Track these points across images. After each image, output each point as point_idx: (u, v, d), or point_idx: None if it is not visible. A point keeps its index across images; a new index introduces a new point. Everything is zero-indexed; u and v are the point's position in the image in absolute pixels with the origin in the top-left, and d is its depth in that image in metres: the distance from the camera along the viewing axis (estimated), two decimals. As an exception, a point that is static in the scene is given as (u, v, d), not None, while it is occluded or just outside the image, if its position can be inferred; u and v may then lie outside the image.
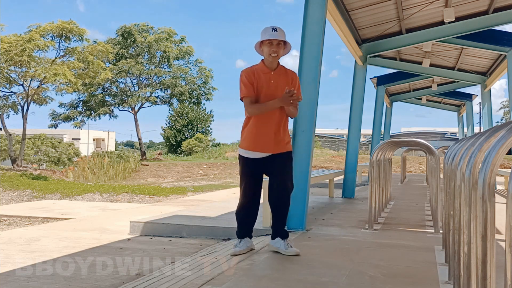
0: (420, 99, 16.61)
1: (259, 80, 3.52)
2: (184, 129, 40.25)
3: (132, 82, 28.78)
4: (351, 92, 8.85)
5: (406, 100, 16.82)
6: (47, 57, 18.66)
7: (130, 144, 61.14)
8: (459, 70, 11.57)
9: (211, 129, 42.33)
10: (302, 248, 3.65)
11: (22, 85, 18.88)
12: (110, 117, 28.71)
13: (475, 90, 57.33)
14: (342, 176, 8.43)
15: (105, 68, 21.56)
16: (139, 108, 28.59)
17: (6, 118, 19.62)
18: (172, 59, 28.24)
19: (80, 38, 18.98)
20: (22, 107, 19.02)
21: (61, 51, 19.04)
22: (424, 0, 7.16)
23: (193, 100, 29.90)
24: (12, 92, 19.40)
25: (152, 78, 28.48)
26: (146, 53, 28.12)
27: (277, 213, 3.59)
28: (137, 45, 27.90)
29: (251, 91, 3.50)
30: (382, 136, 14.85)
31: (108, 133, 51.80)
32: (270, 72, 3.55)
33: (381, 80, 12.70)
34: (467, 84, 13.22)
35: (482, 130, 7.82)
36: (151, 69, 28.23)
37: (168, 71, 28.45)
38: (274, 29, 3.47)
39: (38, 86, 18.71)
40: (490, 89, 12.12)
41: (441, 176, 4.08)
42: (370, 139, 18.14)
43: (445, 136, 48.29)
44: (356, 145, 8.77)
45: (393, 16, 7.64)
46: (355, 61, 8.64)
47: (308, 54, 4.83)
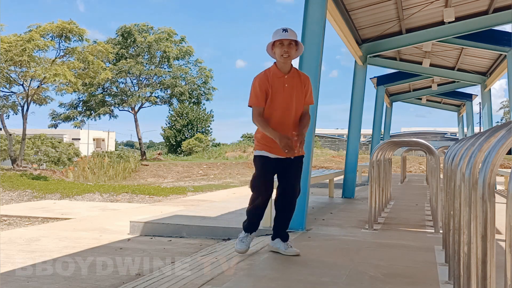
0: (420, 99, 16.59)
1: (273, 85, 3.43)
2: (184, 129, 40.26)
3: (132, 82, 28.80)
4: (351, 92, 8.85)
5: (406, 100, 16.81)
6: (47, 57, 18.69)
7: (130, 144, 61.13)
8: (459, 70, 11.57)
9: (211, 129, 42.40)
10: (302, 248, 3.65)
11: (22, 85, 18.89)
12: (110, 117, 28.76)
13: (475, 90, 57.34)
14: (342, 176, 8.43)
15: (105, 68, 21.55)
16: (139, 108, 28.62)
17: (6, 118, 19.67)
18: (172, 59, 28.24)
19: (80, 38, 18.98)
20: (22, 107, 19.04)
21: (61, 51, 19.06)
22: (424, 0, 7.16)
23: (193, 100, 29.91)
24: (12, 92, 19.45)
25: (152, 78, 28.48)
26: (146, 53, 28.12)
27: (282, 216, 3.56)
28: (137, 45, 27.90)
29: (262, 101, 3.43)
30: (382, 136, 14.84)
31: (108, 133, 51.81)
32: (284, 76, 3.47)
33: (381, 80, 12.69)
34: (467, 84, 13.21)
35: (482, 130, 7.81)
36: (151, 69, 28.23)
37: (168, 71, 28.45)
38: (285, 30, 3.42)
39: (38, 86, 18.72)
40: (490, 89, 12.12)
41: (441, 176, 4.08)
42: (370, 139, 18.13)
43: (445, 136, 48.30)
44: (356, 145, 8.77)
45: (393, 16, 7.64)
46: (355, 61, 8.65)
47: (308, 54, 4.82)
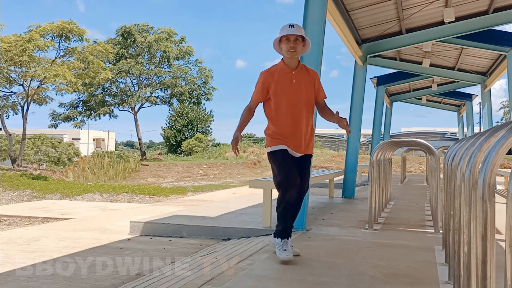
0: (420, 99, 16.59)
1: (278, 82, 3.41)
2: (184, 129, 40.23)
3: (132, 82, 28.79)
4: (351, 92, 8.85)
5: (406, 100, 16.81)
6: (47, 57, 18.70)
7: (130, 144, 61.12)
8: (459, 70, 11.57)
9: (211, 129, 42.36)
10: (302, 248, 3.65)
11: (22, 85, 18.89)
12: (110, 117, 28.74)
13: (475, 90, 57.40)
14: (342, 176, 8.43)
15: (105, 68, 21.56)
16: (139, 108, 28.61)
17: (6, 118, 19.67)
18: (172, 59, 28.23)
19: (80, 38, 18.98)
20: (22, 107, 19.04)
21: (61, 51, 19.07)
22: (424, 0, 7.16)
23: (193, 100, 29.91)
24: (12, 92, 19.45)
25: (152, 78, 28.48)
26: (146, 53, 28.11)
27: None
28: (137, 45, 27.89)
29: (259, 97, 3.45)
30: (382, 136, 14.84)
31: (108, 133, 51.79)
32: (291, 72, 3.44)
33: (381, 80, 12.69)
34: (467, 84, 13.22)
35: (482, 130, 7.81)
36: (151, 69, 28.22)
37: (168, 71, 28.44)
38: (291, 26, 3.40)
39: (38, 86, 18.72)
40: (490, 89, 12.12)
41: (441, 176, 4.08)
42: (370, 139, 18.13)
43: (445, 136, 48.32)
44: (356, 145, 8.77)
45: (393, 16, 7.64)
46: (355, 61, 8.64)
47: (308, 54, 4.81)
